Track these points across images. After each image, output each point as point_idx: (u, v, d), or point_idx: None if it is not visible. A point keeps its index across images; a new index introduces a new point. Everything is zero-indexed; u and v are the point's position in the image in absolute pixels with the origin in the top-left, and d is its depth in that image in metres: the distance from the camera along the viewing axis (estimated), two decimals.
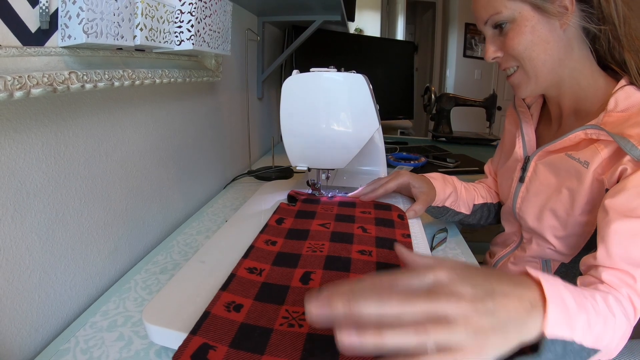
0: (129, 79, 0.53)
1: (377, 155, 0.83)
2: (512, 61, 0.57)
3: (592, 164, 0.51)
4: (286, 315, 0.35)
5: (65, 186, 0.48)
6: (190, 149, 0.83)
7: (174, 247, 0.66)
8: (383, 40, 2.32)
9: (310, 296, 0.27)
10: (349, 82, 0.63)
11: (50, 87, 0.40)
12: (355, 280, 0.28)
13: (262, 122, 1.41)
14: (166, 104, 0.72)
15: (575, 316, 0.30)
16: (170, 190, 0.75)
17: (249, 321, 0.34)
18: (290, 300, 0.38)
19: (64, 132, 0.48)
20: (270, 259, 0.46)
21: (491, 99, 1.75)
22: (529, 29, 0.53)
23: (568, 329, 0.29)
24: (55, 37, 0.43)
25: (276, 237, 0.51)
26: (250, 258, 0.45)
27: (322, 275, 0.42)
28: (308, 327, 0.34)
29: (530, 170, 0.63)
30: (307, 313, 0.26)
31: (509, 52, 0.56)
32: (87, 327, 0.45)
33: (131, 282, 0.55)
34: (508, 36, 0.55)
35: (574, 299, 0.31)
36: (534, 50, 0.54)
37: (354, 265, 0.44)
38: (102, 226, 0.56)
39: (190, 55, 0.76)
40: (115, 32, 0.47)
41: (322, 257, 0.46)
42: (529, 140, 0.67)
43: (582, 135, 0.53)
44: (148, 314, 0.36)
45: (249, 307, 0.36)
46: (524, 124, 0.68)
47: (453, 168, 1.24)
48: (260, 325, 0.34)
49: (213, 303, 0.36)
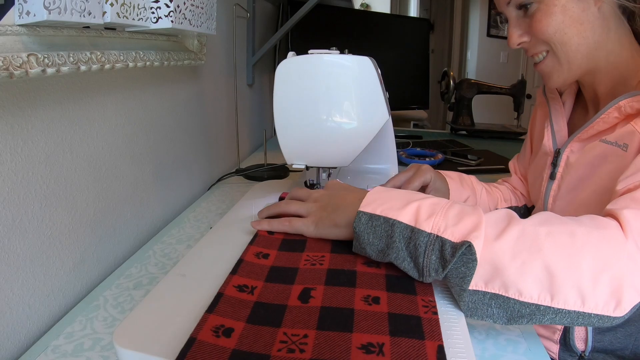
0: (98, 63, 0.53)
1: (386, 152, 0.83)
2: (542, 46, 0.57)
3: (631, 145, 0.51)
4: (284, 339, 0.35)
5: (23, 187, 0.48)
6: (169, 145, 0.83)
7: (150, 258, 0.66)
8: (393, 17, 2.32)
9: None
10: (353, 66, 0.63)
11: (6, 72, 0.40)
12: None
13: (253, 113, 1.41)
14: (141, 91, 0.72)
15: (388, 201, 0.45)
16: (146, 193, 0.75)
17: (241, 347, 0.34)
18: (288, 321, 0.37)
19: (21, 125, 0.48)
20: (263, 274, 0.45)
21: (519, 86, 1.75)
22: (560, 8, 0.53)
23: (370, 208, 0.45)
24: (11, 14, 0.43)
25: (268, 249, 0.51)
26: (240, 274, 0.45)
27: (323, 292, 0.42)
28: (311, 352, 0.34)
29: (561, 164, 0.63)
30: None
31: (537, 36, 0.56)
32: (49, 352, 0.45)
33: (100, 299, 0.55)
34: (535, 18, 0.55)
35: (401, 194, 0.47)
36: (566, 32, 0.54)
37: (360, 279, 0.44)
38: (66, 234, 0.56)
39: (169, 35, 0.76)
40: (82, 8, 0.47)
41: (323, 271, 0.46)
42: (558, 131, 0.67)
43: (615, 113, 0.53)
44: (120, 336, 0.36)
45: (241, 331, 0.36)
46: (554, 113, 0.68)
47: (475, 166, 1.24)
48: (255, 351, 0.34)
49: (199, 328, 0.36)
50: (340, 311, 0.38)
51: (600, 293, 0.37)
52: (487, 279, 0.39)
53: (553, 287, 0.38)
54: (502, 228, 0.41)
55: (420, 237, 0.41)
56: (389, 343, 0.34)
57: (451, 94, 1.82)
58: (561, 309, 0.38)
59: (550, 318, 0.38)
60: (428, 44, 1.82)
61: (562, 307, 0.38)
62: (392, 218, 0.43)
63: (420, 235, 0.41)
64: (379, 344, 0.34)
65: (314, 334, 0.35)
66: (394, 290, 0.42)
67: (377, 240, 0.44)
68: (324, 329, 0.36)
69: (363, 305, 0.39)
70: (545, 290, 0.38)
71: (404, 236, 0.42)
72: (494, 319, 0.40)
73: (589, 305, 0.38)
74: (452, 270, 0.40)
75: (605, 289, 0.37)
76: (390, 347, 0.34)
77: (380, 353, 0.33)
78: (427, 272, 0.41)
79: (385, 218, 0.44)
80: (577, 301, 0.38)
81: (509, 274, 0.38)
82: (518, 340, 0.47)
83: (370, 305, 0.39)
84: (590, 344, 0.61)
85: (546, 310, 0.38)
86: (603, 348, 0.61)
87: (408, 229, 0.42)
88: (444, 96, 1.86)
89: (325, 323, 0.37)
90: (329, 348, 0.34)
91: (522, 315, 0.39)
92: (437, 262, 0.41)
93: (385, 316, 0.38)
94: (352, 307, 0.39)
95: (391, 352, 0.33)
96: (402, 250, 0.42)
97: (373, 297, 0.41)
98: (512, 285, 0.38)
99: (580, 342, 0.62)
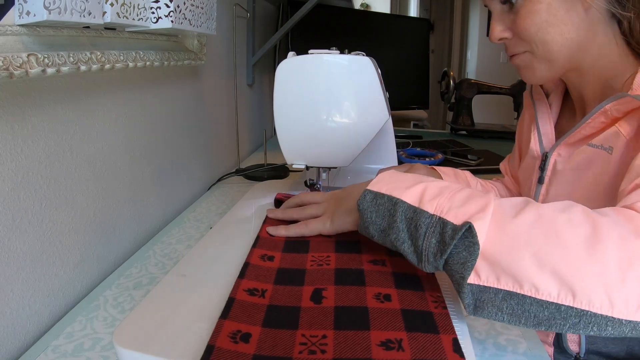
0: (98, 63, 0.53)
1: (386, 152, 0.83)
2: (521, 46, 0.56)
3: (616, 148, 0.51)
4: (304, 340, 0.35)
5: (23, 187, 0.48)
6: (169, 144, 0.83)
7: (150, 258, 0.66)
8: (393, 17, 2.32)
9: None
10: (353, 66, 0.63)
11: (6, 72, 0.40)
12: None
13: (253, 113, 1.41)
14: (141, 91, 0.72)
15: (396, 182, 0.44)
16: (146, 193, 0.75)
17: (262, 352, 0.34)
18: (304, 322, 0.38)
19: (21, 125, 0.48)
20: (271, 277, 0.46)
21: (519, 86, 1.75)
22: (545, 6, 0.52)
23: (377, 187, 0.45)
24: (11, 14, 0.43)
25: (272, 252, 0.51)
26: (248, 277, 0.45)
27: (335, 292, 0.42)
28: (332, 352, 0.34)
29: (549, 169, 0.63)
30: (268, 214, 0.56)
31: (519, 33, 0.55)
32: (49, 352, 0.45)
33: (100, 299, 0.55)
34: (520, 14, 0.54)
35: (413, 176, 0.45)
36: (549, 32, 0.53)
37: (369, 277, 0.45)
38: (66, 234, 0.56)
39: (169, 35, 0.76)
40: (82, 8, 0.47)
41: (331, 271, 0.46)
42: (545, 134, 0.65)
43: (602, 118, 0.53)
44: (120, 336, 0.36)
45: (259, 335, 0.36)
46: (540, 115, 0.66)
47: (475, 166, 1.24)
48: (277, 355, 0.34)
49: (216, 334, 0.36)
50: (354, 310, 0.39)
51: (630, 291, 0.32)
52: (495, 270, 0.35)
53: (574, 282, 0.32)
54: (516, 211, 0.36)
55: (421, 217, 0.39)
56: (407, 338, 0.35)
57: (451, 94, 1.82)
58: (585, 311, 0.32)
59: (573, 323, 0.33)
60: (428, 44, 1.82)
61: (587, 308, 0.32)
62: (396, 197, 0.42)
63: (422, 216, 0.39)
64: (397, 339, 0.35)
65: (333, 334, 0.36)
66: (403, 287, 0.43)
67: (379, 219, 0.43)
68: (342, 329, 0.36)
69: (376, 303, 0.40)
70: (566, 287, 0.33)
71: (406, 216, 0.40)
72: (502, 321, 0.36)
73: (618, 306, 0.32)
74: (453, 256, 0.37)
75: (637, 285, 0.32)
76: (408, 342, 0.34)
77: (400, 349, 0.34)
78: (425, 257, 0.39)
79: (390, 197, 0.43)
80: (603, 301, 0.32)
81: (521, 264, 0.34)
82: (518, 341, 0.47)
83: (382, 302, 0.40)
84: (584, 347, 0.61)
85: (568, 312, 0.33)
86: (597, 350, 0.61)
87: (411, 209, 0.40)
88: (444, 96, 1.86)
89: (342, 322, 0.37)
90: (350, 347, 0.34)
91: (540, 320, 0.34)
92: (437, 245, 0.38)
93: (398, 312, 0.38)
94: (365, 305, 0.39)
95: (410, 347, 0.34)
96: (402, 232, 0.40)
97: (384, 294, 0.41)
98: (526, 278, 0.33)
99: (573, 344, 0.61)
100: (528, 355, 0.45)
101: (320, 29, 1.46)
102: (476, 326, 0.50)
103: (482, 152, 1.41)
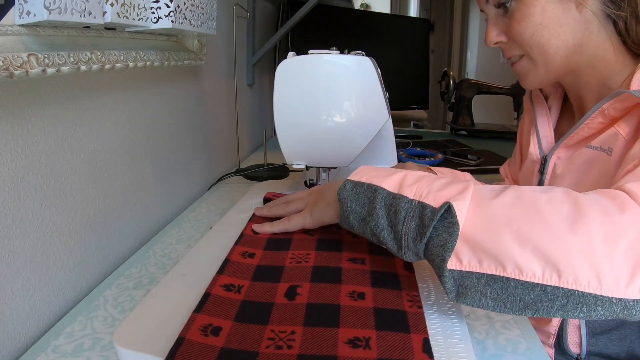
0: (98, 63, 0.53)
1: (386, 152, 0.83)
2: (516, 49, 0.57)
3: (615, 149, 0.51)
4: (272, 336, 0.36)
5: (23, 187, 0.48)
6: (169, 145, 0.83)
7: (150, 258, 0.66)
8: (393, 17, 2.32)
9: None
10: (353, 66, 0.63)
11: (6, 72, 0.40)
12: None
13: (253, 113, 1.41)
14: (141, 91, 0.72)
15: (377, 171, 0.44)
16: (146, 193, 0.75)
17: (230, 345, 0.34)
18: (275, 318, 0.38)
19: (21, 125, 0.48)
20: (249, 273, 0.46)
21: (519, 86, 1.75)
22: (539, 9, 0.52)
23: (357, 177, 0.45)
24: (11, 14, 0.43)
25: (254, 249, 0.52)
26: (226, 273, 0.45)
27: (309, 289, 0.42)
28: (298, 347, 0.34)
29: (548, 172, 0.62)
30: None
31: (514, 37, 0.55)
32: (49, 352, 0.45)
33: (100, 299, 0.55)
34: (514, 18, 0.54)
35: (394, 169, 0.46)
36: (544, 35, 0.53)
37: (346, 275, 0.45)
38: (66, 234, 0.56)
39: (169, 35, 0.76)
40: (82, 8, 0.47)
41: (309, 269, 0.46)
42: (544, 137, 0.65)
43: (600, 118, 0.52)
44: (120, 336, 0.36)
45: (229, 329, 0.36)
46: (539, 119, 0.67)
47: (475, 166, 1.24)
48: (244, 349, 0.34)
49: (187, 327, 0.36)
50: (326, 307, 0.39)
51: (619, 267, 0.31)
52: (477, 253, 0.34)
53: (558, 260, 0.32)
54: (496, 194, 0.37)
55: (401, 202, 0.39)
56: (375, 337, 0.35)
57: (451, 94, 1.82)
58: (573, 290, 0.31)
59: (561, 305, 0.32)
60: (428, 44, 1.82)
61: (574, 287, 0.31)
62: (375, 184, 0.42)
63: (401, 201, 0.39)
64: (365, 338, 0.35)
65: (301, 330, 0.36)
66: (379, 285, 0.43)
67: (359, 208, 0.43)
68: (311, 325, 0.37)
69: (349, 300, 0.40)
70: (551, 266, 0.32)
71: (386, 203, 0.40)
72: (487, 307, 0.35)
73: (607, 284, 0.31)
74: (433, 239, 0.36)
75: (624, 260, 0.31)
76: (376, 340, 0.34)
77: (367, 347, 0.34)
78: (405, 242, 0.38)
79: (369, 185, 0.43)
80: (591, 278, 0.31)
81: (502, 243, 0.33)
82: (518, 340, 0.47)
83: (355, 300, 0.40)
84: (585, 348, 0.61)
85: (554, 293, 0.32)
86: (598, 352, 0.61)
87: (390, 196, 0.40)
88: (444, 96, 1.86)
89: (312, 319, 0.37)
90: (317, 343, 0.34)
91: (526, 303, 0.33)
92: (416, 229, 0.37)
93: (370, 311, 0.38)
94: (337, 303, 0.40)
95: (377, 345, 0.34)
96: (382, 218, 0.40)
97: (358, 292, 0.41)
98: (509, 258, 0.33)
99: (574, 346, 0.61)
100: (528, 355, 0.45)
101: (320, 29, 1.46)
102: (476, 326, 0.50)
103: (482, 152, 1.41)
